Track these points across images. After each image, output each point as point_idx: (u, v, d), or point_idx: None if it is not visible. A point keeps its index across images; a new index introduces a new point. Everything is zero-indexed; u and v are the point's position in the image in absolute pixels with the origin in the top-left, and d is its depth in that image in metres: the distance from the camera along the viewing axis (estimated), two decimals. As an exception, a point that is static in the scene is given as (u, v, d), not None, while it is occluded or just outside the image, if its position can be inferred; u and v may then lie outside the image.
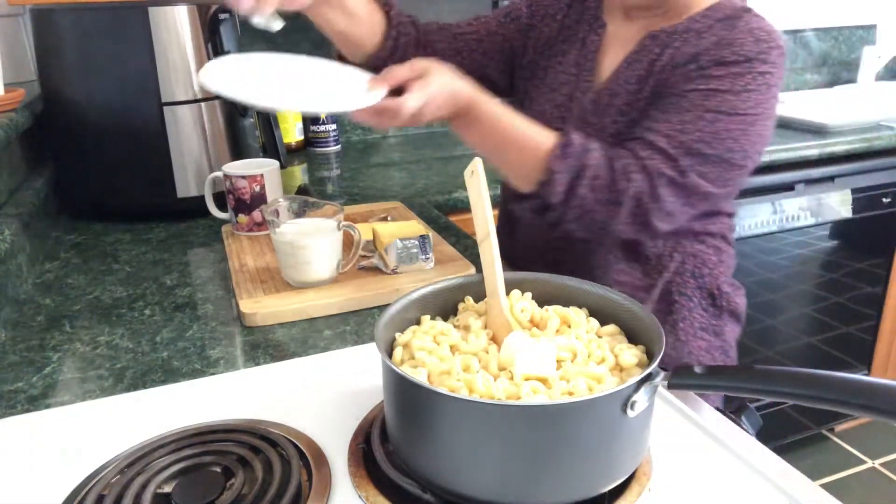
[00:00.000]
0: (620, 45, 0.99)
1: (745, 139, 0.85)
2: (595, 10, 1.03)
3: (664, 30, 0.94)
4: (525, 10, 1.09)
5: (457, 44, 1.09)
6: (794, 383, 0.50)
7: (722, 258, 1.04)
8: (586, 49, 1.01)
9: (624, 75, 0.95)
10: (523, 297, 0.66)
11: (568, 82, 1.02)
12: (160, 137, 1.24)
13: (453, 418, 0.52)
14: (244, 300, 0.91)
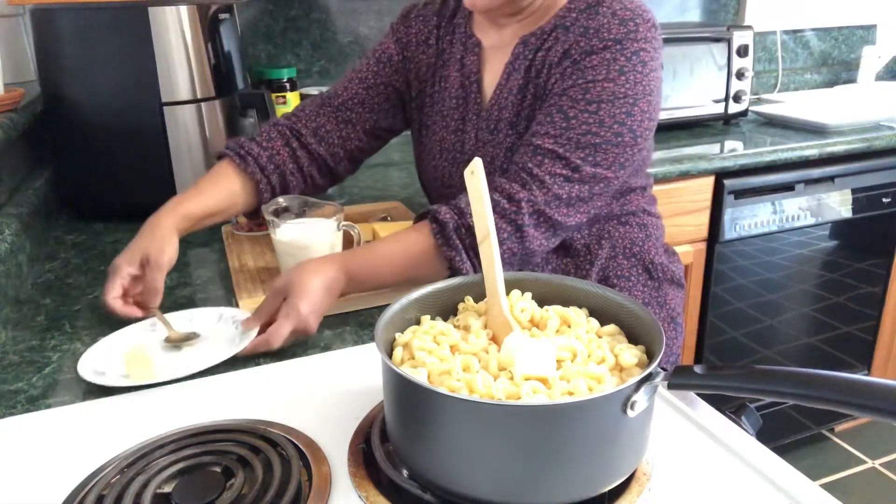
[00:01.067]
0: (495, 57, 0.99)
1: (630, 120, 0.88)
2: (465, 28, 1.02)
3: (534, 33, 0.95)
4: (394, 46, 1.07)
5: (342, 115, 1.07)
6: (794, 383, 0.50)
7: (648, 232, 1.06)
8: (466, 70, 1.01)
9: (506, 87, 0.96)
10: (523, 297, 0.66)
11: (458, 106, 1.02)
12: (160, 137, 1.24)
13: (453, 418, 0.52)
14: (244, 300, 0.91)
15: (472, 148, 1.01)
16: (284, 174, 1.04)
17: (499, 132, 0.97)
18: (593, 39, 0.89)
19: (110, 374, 0.76)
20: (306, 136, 1.05)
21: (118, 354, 0.80)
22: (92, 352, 0.81)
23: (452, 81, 1.02)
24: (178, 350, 0.82)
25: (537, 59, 0.94)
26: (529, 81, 0.94)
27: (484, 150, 0.99)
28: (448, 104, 1.03)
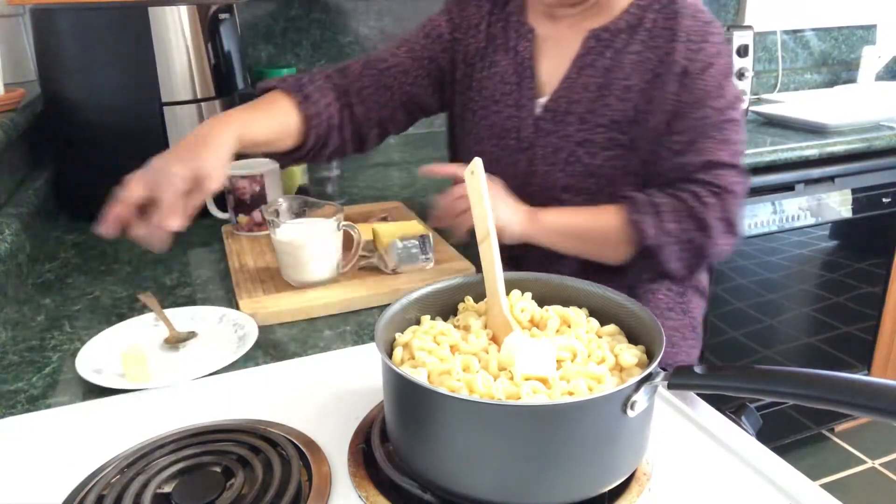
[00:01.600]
0: (557, 48, 0.99)
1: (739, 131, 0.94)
2: (519, 16, 1.02)
3: (606, 28, 0.95)
4: (445, 25, 1.06)
5: (384, 80, 1.04)
6: (794, 383, 0.50)
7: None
8: (520, 57, 1.01)
9: (578, 81, 0.96)
10: (523, 297, 0.66)
11: (510, 92, 1.01)
12: (160, 137, 1.24)
13: (453, 418, 0.52)
14: (244, 300, 0.91)
15: (530, 135, 0.99)
16: (330, 129, 1.00)
17: (567, 125, 0.96)
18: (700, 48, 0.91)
19: (107, 373, 0.76)
20: (352, 95, 1.02)
21: (116, 352, 0.79)
22: (90, 347, 0.81)
23: (505, 67, 1.02)
24: (175, 351, 0.82)
25: (614, 57, 0.94)
26: (609, 80, 0.94)
27: (546, 140, 0.98)
28: (500, 89, 1.02)
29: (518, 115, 1.00)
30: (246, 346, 0.80)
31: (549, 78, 0.99)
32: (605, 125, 0.94)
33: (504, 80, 1.02)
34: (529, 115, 0.99)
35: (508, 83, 1.01)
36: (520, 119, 1.00)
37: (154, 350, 0.82)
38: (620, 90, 0.93)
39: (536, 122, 0.99)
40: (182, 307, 0.91)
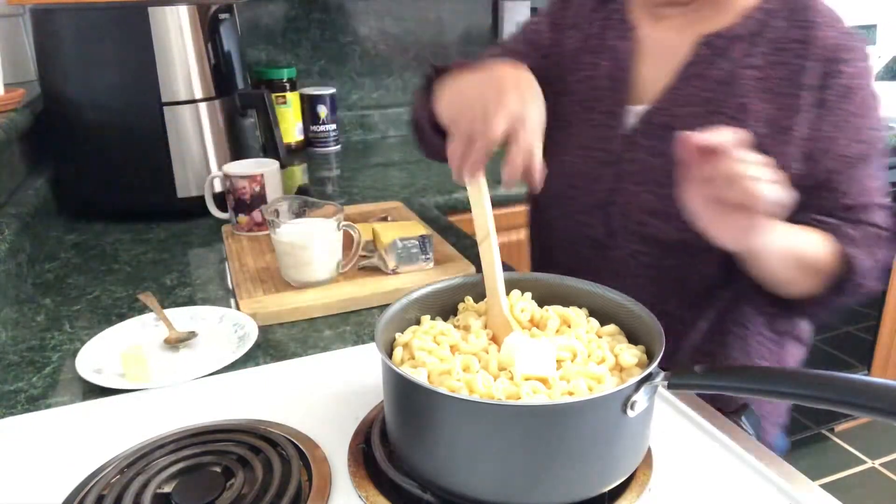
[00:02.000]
0: (661, 52, 0.87)
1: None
2: (621, 12, 0.92)
3: (720, 34, 0.82)
4: (546, 28, 0.97)
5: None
6: (794, 383, 0.50)
7: None
8: (618, 58, 0.89)
9: (683, 93, 0.84)
10: (523, 297, 0.66)
11: (603, 98, 0.90)
12: (160, 137, 1.24)
13: (453, 418, 0.52)
14: (244, 300, 0.91)
15: (621, 149, 0.87)
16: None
17: (664, 141, 0.81)
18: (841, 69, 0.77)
19: (107, 373, 0.76)
20: None
21: (116, 352, 0.79)
22: (90, 347, 0.81)
23: (601, 71, 0.91)
24: (175, 351, 0.82)
25: (729, 69, 0.81)
26: (720, 96, 0.81)
27: (637, 156, 0.86)
28: (593, 95, 0.91)
29: (608, 125, 0.89)
30: (246, 346, 0.80)
31: (649, 85, 0.87)
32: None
33: (596, 85, 0.91)
34: (621, 125, 0.88)
35: (601, 88, 0.90)
36: (610, 129, 0.89)
37: (154, 350, 0.82)
38: (733, 109, 0.81)
39: (629, 135, 0.87)
40: (182, 307, 0.91)
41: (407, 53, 2.03)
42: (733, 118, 0.80)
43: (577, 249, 0.95)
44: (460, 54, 2.09)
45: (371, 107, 2.04)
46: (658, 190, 0.84)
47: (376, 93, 2.04)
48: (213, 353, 0.81)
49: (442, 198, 1.46)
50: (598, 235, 0.91)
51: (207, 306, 0.91)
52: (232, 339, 0.84)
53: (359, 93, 2.02)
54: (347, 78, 1.99)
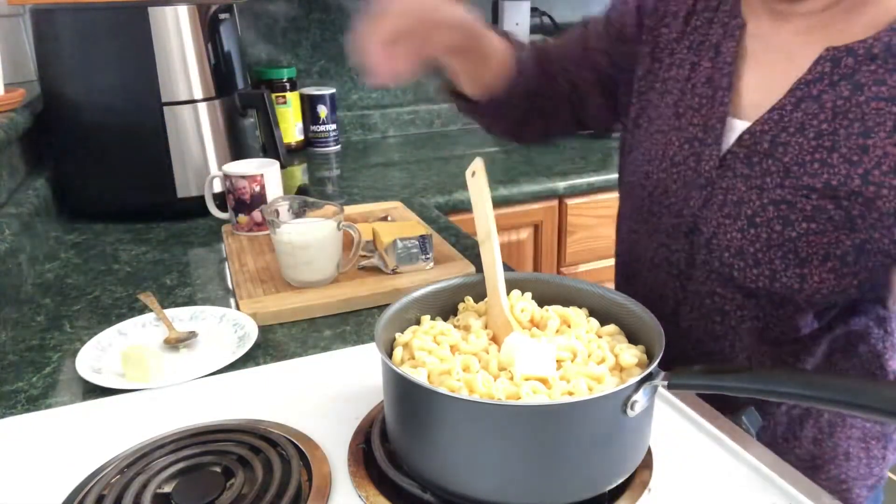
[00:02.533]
0: (775, 59, 0.74)
1: None
2: (732, 4, 0.78)
3: (851, 49, 0.67)
4: (633, 11, 0.86)
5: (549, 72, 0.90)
6: (794, 383, 0.50)
7: (889, 327, 0.78)
8: (720, 60, 0.76)
9: (795, 116, 0.70)
10: (523, 298, 0.66)
11: (700, 107, 0.77)
12: (160, 137, 1.24)
13: (453, 418, 0.52)
14: (244, 300, 0.91)
15: (711, 171, 0.75)
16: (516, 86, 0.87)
17: (764, 172, 0.71)
18: None
19: (107, 374, 0.77)
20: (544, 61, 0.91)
21: (116, 352, 0.80)
22: (90, 346, 0.81)
23: (700, 73, 0.78)
24: (175, 351, 0.82)
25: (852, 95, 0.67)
26: (837, 127, 0.67)
27: (730, 183, 0.73)
28: (686, 101, 0.78)
29: (702, 140, 0.76)
30: (246, 346, 0.81)
31: (753, 99, 0.74)
32: (817, 188, 0.68)
33: (693, 89, 0.78)
34: (717, 142, 0.75)
35: (698, 94, 0.77)
36: (703, 145, 0.76)
37: (154, 350, 0.82)
38: (852, 147, 0.66)
39: (724, 157, 0.74)
40: (182, 307, 0.91)
41: (407, 53, 2.03)
42: (849, 161, 0.66)
43: (658, 273, 0.84)
44: (460, 54, 2.09)
45: (371, 107, 2.04)
46: (748, 229, 0.72)
47: (376, 93, 2.04)
48: (213, 353, 0.81)
49: (442, 198, 1.46)
50: (678, 262, 0.81)
51: (207, 306, 0.91)
52: (232, 338, 0.84)
53: (359, 93, 2.02)
54: (347, 78, 1.99)
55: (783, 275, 0.71)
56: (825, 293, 0.71)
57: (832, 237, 0.68)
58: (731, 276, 0.75)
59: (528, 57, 0.89)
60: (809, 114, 0.69)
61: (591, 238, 1.67)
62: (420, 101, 2.10)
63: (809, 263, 0.70)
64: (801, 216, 0.69)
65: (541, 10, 2.12)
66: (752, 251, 0.72)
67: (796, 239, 0.69)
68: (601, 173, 1.62)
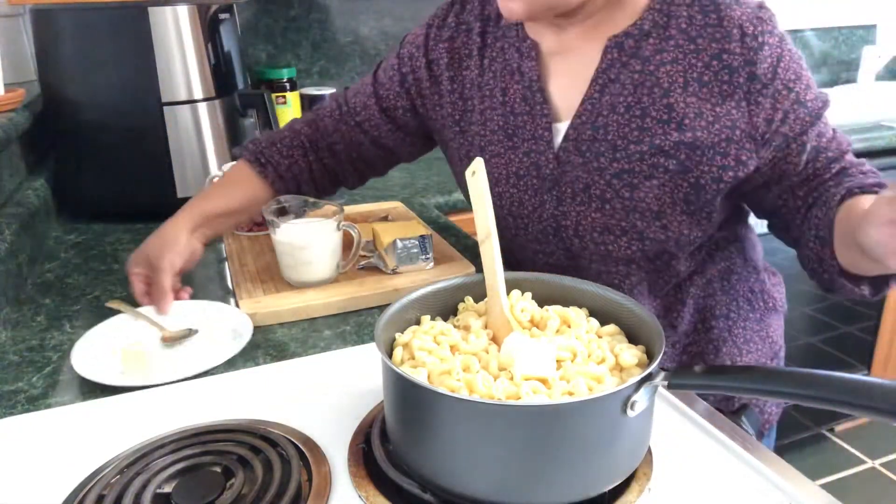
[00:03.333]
0: (570, 64, 0.84)
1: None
2: (516, 28, 0.87)
3: (628, 33, 0.79)
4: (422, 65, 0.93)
5: (355, 136, 1.00)
6: (794, 383, 0.50)
7: (748, 255, 0.94)
8: (526, 80, 0.85)
9: (603, 102, 0.81)
10: (523, 297, 0.66)
11: (522, 124, 0.86)
12: (160, 137, 1.24)
13: (453, 418, 0.52)
14: (244, 300, 0.91)
15: (553, 172, 0.84)
16: (300, 183, 1.02)
17: (596, 155, 0.81)
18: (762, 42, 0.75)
19: (106, 372, 0.77)
20: (322, 150, 1.02)
21: (112, 349, 0.80)
22: (86, 341, 0.82)
23: (512, 95, 0.86)
24: (172, 348, 0.82)
25: (643, 68, 0.78)
26: (642, 97, 0.78)
27: (572, 175, 0.83)
28: (510, 122, 0.86)
29: (535, 150, 0.85)
30: (243, 340, 0.81)
31: (566, 101, 0.84)
32: (646, 151, 0.79)
33: (512, 111, 0.86)
34: (548, 147, 0.84)
35: (518, 113, 0.86)
36: (538, 153, 0.85)
37: (152, 348, 0.82)
38: (659, 108, 0.78)
39: (557, 156, 0.84)
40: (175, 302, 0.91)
41: (407, 53, 2.03)
42: (661, 121, 0.78)
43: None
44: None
45: (371, 107, 2.03)
46: (603, 206, 0.82)
47: (376, 93, 2.04)
48: (210, 348, 0.81)
49: (442, 198, 1.46)
50: (559, 261, 0.90)
51: (199, 300, 0.92)
52: (227, 333, 0.84)
53: (359, 93, 2.02)
54: (347, 78, 1.99)
55: (648, 232, 0.82)
56: (686, 233, 0.83)
57: (673, 184, 0.79)
58: (608, 251, 0.85)
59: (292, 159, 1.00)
60: (614, 94, 0.80)
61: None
62: (420, 101, 2.09)
63: (664, 215, 0.81)
64: (642, 177, 0.80)
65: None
66: (614, 223, 0.83)
67: (645, 197, 0.80)
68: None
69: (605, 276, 0.88)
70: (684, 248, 0.85)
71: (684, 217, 0.81)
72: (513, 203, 0.89)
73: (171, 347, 0.83)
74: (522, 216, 0.89)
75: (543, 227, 0.87)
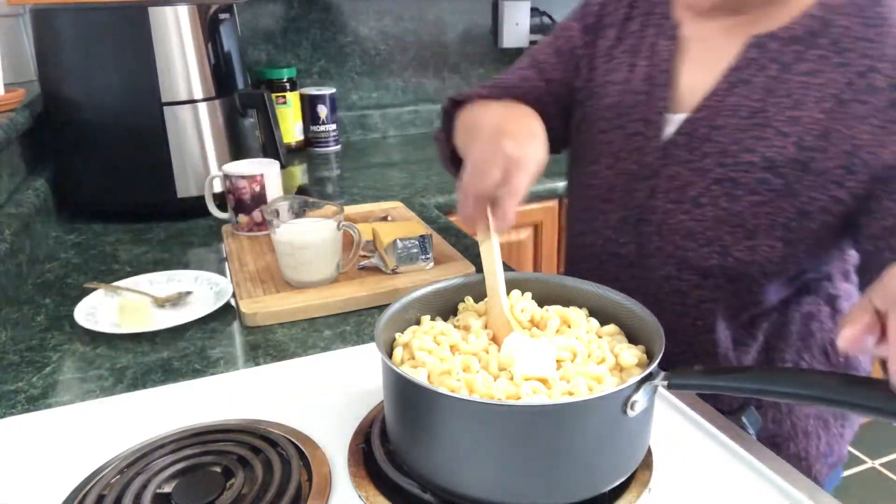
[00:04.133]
0: (706, 54, 0.79)
1: None
2: (664, 7, 0.83)
3: (774, 36, 0.73)
4: (578, 33, 0.89)
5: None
6: (794, 383, 0.50)
7: (839, 307, 0.83)
8: (656, 59, 0.81)
9: (729, 101, 0.75)
10: (523, 297, 0.66)
11: (637, 104, 0.81)
12: (160, 137, 1.24)
13: (453, 418, 0.52)
14: (244, 300, 0.91)
15: (655, 162, 0.79)
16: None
17: (705, 155, 0.76)
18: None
19: (103, 322, 0.87)
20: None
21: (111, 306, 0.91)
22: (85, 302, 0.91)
23: (638, 72, 0.82)
24: (163, 308, 0.92)
25: (779, 75, 0.73)
26: (769, 105, 0.73)
27: (674, 170, 0.78)
28: (626, 100, 0.82)
29: (643, 134, 0.80)
30: (223, 298, 0.91)
31: (691, 92, 0.79)
32: (756, 163, 0.73)
33: (631, 88, 0.82)
34: (657, 135, 0.79)
35: (636, 91, 0.82)
36: (645, 139, 0.80)
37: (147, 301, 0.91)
38: (783, 120, 0.72)
39: (665, 147, 0.79)
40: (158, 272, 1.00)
41: (407, 53, 2.03)
42: (782, 133, 0.72)
43: (605, 267, 0.88)
44: (460, 54, 2.09)
45: (371, 107, 2.04)
46: (695, 210, 0.77)
47: (376, 93, 2.04)
48: (196, 307, 0.92)
49: (442, 198, 1.46)
50: (628, 254, 0.85)
51: (182, 270, 1.01)
52: (209, 294, 0.95)
53: (359, 93, 2.02)
54: (347, 78, 1.99)
55: (733, 249, 0.76)
56: (776, 262, 0.75)
57: (775, 205, 0.73)
58: (685, 258, 0.79)
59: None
60: (742, 96, 0.75)
61: (591, 238, 1.67)
62: (420, 101, 2.10)
63: (757, 234, 0.74)
64: (745, 190, 0.74)
65: (541, 10, 2.12)
66: (700, 230, 0.77)
67: (742, 212, 0.74)
68: (601, 173, 1.62)
69: (674, 281, 0.82)
70: (769, 277, 0.77)
71: (778, 244, 0.74)
72: (603, 184, 0.85)
73: (161, 308, 0.92)
74: (610, 199, 0.85)
75: (625, 216, 0.83)
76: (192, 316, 0.88)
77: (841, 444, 0.88)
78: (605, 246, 0.87)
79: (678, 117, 0.79)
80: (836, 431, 0.86)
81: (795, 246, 0.74)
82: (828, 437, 0.86)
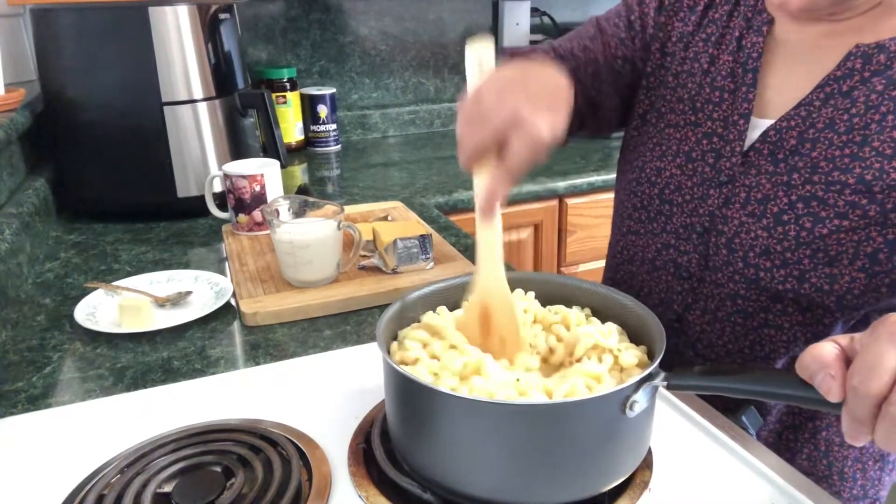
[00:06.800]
0: (801, 57, 0.72)
1: None
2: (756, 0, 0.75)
3: (882, 46, 0.66)
4: (653, 9, 0.83)
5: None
6: (794, 384, 0.50)
7: None
8: (743, 55, 0.74)
9: (823, 113, 0.68)
10: (526, 297, 0.66)
11: (720, 101, 0.75)
12: (160, 137, 1.24)
13: (454, 417, 0.52)
14: (244, 300, 0.91)
15: (734, 168, 0.73)
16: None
17: (791, 169, 0.69)
18: None
19: (103, 322, 0.87)
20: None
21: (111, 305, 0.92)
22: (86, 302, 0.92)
23: (720, 66, 0.75)
24: (164, 308, 0.92)
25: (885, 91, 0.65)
26: (869, 122, 0.66)
27: (755, 181, 0.72)
28: (704, 94, 0.76)
29: (723, 136, 0.74)
30: (223, 298, 0.91)
31: (779, 96, 0.72)
32: (850, 184, 0.66)
33: (713, 83, 0.76)
34: (739, 139, 0.73)
35: (719, 87, 0.75)
36: (724, 142, 0.74)
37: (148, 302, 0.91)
38: (886, 140, 0.65)
39: (747, 153, 0.73)
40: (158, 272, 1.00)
41: (407, 53, 2.04)
42: (883, 155, 0.65)
43: (658, 275, 0.82)
44: (460, 54, 2.09)
45: (371, 107, 2.04)
46: (775, 227, 0.70)
47: (376, 93, 2.04)
48: (196, 307, 0.92)
49: (442, 198, 1.46)
50: (689, 265, 0.78)
51: (182, 270, 1.01)
52: (210, 294, 0.94)
53: (359, 93, 2.02)
54: (347, 78, 1.99)
55: (812, 275, 0.69)
56: (856, 294, 0.68)
57: (864, 234, 0.66)
58: (757, 277, 0.72)
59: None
60: (840, 109, 0.68)
61: (591, 238, 1.67)
62: (420, 101, 2.10)
63: (839, 262, 0.68)
64: (833, 212, 0.67)
65: (541, 10, 2.12)
66: (779, 250, 0.70)
67: (826, 236, 0.68)
68: (601, 173, 1.62)
69: (739, 300, 0.75)
70: (846, 311, 0.71)
71: (861, 276, 0.67)
72: (669, 184, 0.78)
73: (162, 308, 0.92)
74: (674, 202, 0.78)
75: (692, 223, 0.77)
76: (192, 316, 0.88)
77: (878, 489, 0.83)
78: (661, 252, 0.81)
79: (763, 122, 0.73)
80: (873, 475, 0.81)
81: (879, 279, 0.67)
82: (864, 481, 0.81)
